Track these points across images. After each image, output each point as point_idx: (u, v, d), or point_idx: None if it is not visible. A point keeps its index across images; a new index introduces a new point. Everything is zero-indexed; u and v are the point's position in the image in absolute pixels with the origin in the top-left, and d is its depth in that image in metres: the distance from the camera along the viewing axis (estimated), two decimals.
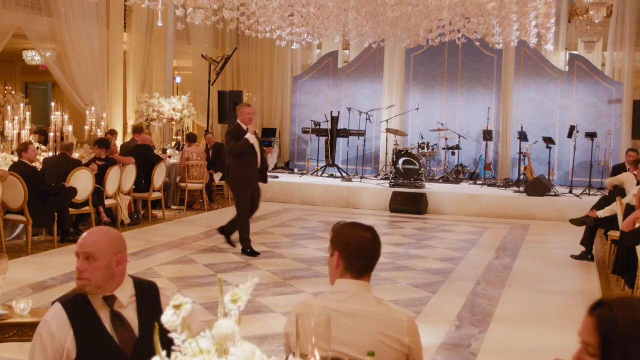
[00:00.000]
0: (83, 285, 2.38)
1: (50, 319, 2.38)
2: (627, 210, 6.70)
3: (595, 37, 12.30)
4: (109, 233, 2.47)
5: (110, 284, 2.42)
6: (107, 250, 2.40)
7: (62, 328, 2.35)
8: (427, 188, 12.25)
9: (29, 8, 11.31)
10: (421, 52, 14.34)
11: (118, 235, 2.50)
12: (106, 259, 2.39)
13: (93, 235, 2.44)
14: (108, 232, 2.48)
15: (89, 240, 2.41)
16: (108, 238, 2.44)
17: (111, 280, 2.42)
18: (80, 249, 2.40)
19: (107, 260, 2.40)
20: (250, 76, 16.11)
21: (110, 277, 2.42)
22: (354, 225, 2.47)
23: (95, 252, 2.38)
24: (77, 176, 8.31)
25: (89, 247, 2.39)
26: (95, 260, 2.38)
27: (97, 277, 2.38)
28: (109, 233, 2.47)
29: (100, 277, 2.38)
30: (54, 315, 2.39)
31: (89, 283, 2.38)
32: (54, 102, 12.14)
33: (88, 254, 2.38)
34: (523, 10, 7.44)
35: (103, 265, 2.38)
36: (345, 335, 2.30)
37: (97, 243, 2.40)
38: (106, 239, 2.43)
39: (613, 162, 12.33)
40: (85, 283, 2.38)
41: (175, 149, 13.26)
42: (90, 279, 2.37)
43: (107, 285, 2.41)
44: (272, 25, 8.01)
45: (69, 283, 6.35)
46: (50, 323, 2.37)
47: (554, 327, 5.53)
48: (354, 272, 2.41)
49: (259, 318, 5.46)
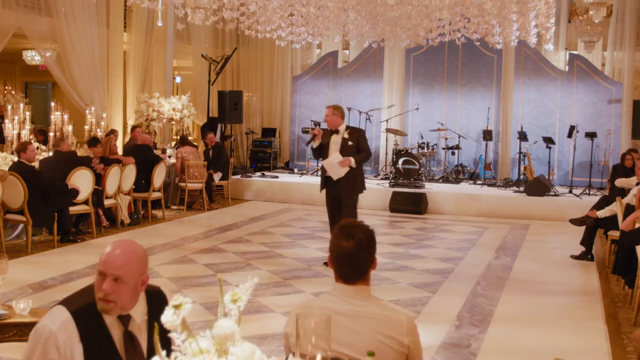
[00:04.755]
0: (109, 308, 2.23)
1: (56, 329, 2.20)
2: (627, 210, 6.70)
3: (595, 37, 12.30)
4: (137, 252, 2.30)
5: (132, 305, 2.30)
6: (136, 271, 2.26)
7: (70, 341, 2.21)
8: (427, 188, 12.25)
9: (29, 8, 11.31)
10: (421, 52, 14.35)
11: (144, 254, 2.35)
12: (134, 280, 2.26)
13: (121, 255, 2.24)
14: (136, 251, 2.30)
15: (119, 261, 2.23)
16: (137, 259, 2.28)
17: (135, 300, 2.30)
18: (109, 270, 2.22)
19: (134, 282, 2.26)
20: (250, 76, 16.11)
21: (136, 298, 2.30)
22: (341, 231, 2.41)
23: (125, 274, 2.22)
24: (77, 176, 8.30)
25: (119, 269, 2.22)
26: (125, 283, 2.23)
27: (125, 300, 2.25)
28: (137, 252, 2.30)
29: (127, 299, 2.26)
30: (61, 325, 2.21)
31: (115, 306, 2.23)
32: (54, 102, 12.14)
33: (117, 277, 2.21)
34: (523, 10, 7.44)
35: (131, 288, 2.25)
36: (345, 335, 2.30)
37: (127, 265, 2.23)
38: (136, 260, 2.27)
39: (613, 162, 12.32)
40: (112, 307, 2.23)
41: (175, 149, 13.26)
42: (117, 302, 2.23)
43: (130, 306, 2.29)
44: (272, 25, 8.00)
45: (69, 283, 6.36)
46: (56, 334, 2.20)
47: (554, 327, 5.53)
48: (343, 279, 2.41)
49: (259, 318, 5.46)
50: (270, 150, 15.08)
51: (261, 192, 13.00)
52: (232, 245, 8.53)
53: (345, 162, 7.15)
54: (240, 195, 13.00)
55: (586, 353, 4.98)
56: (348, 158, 7.14)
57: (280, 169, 15.10)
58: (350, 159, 7.15)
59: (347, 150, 7.21)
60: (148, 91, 13.35)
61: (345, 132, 7.26)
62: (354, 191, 7.34)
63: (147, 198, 10.19)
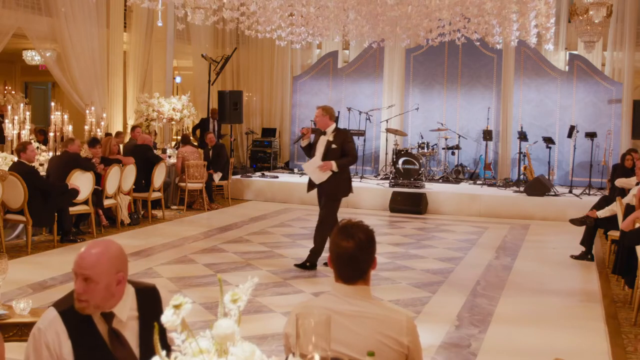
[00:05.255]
0: (82, 307, 2.26)
1: (44, 327, 2.27)
2: (627, 210, 6.70)
3: (595, 37, 12.30)
4: (108, 251, 2.30)
5: (110, 303, 2.31)
6: (106, 271, 2.26)
7: (58, 339, 2.26)
8: (427, 188, 12.25)
9: (29, 8, 11.32)
10: (421, 52, 14.35)
11: (118, 252, 2.34)
12: (106, 280, 2.26)
13: (92, 256, 2.26)
14: (107, 250, 2.30)
15: (88, 261, 2.25)
16: (107, 258, 2.27)
17: (111, 299, 2.31)
18: (79, 270, 2.25)
19: (106, 282, 2.26)
20: (250, 76, 16.11)
21: (111, 296, 2.30)
22: (341, 231, 2.41)
23: (93, 274, 2.23)
24: (77, 175, 8.30)
25: (87, 269, 2.24)
26: (95, 283, 2.24)
27: (97, 299, 2.26)
28: (108, 251, 2.30)
29: (99, 298, 2.26)
30: (48, 324, 2.28)
31: (87, 305, 2.26)
32: (54, 102, 12.14)
33: (86, 276, 2.23)
34: (523, 10, 7.44)
35: (103, 287, 2.26)
36: (344, 335, 2.30)
37: (95, 265, 2.24)
38: (106, 259, 2.27)
39: (613, 162, 12.32)
40: (85, 306, 2.25)
41: (175, 149, 13.26)
42: (89, 301, 2.25)
43: (107, 304, 2.30)
44: (272, 25, 8.00)
45: (69, 283, 6.36)
46: (45, 333, 2.26)
47: (554, 327, 5.53)
48: (343, 279, 2.41)
49: (259, 318, 5.46)
50: (270, 150, 15.09)
51: (261, 192, 13.00)
52: (232, 245, 8.53)
53: (324, 166, 6.97)
54: (240, 195, 13.00)
55: (586, 353, 4.98)
56: (329, 162, 6.96)
57: (280, 169, 15.10)
58: (331, 163, 6.95)
59: (331, 153, 7.01)
60: (148, 91, 13.35)
61: (331, 134, 7.07)
62: (337, 195, 7.19)
63: (147, 198, 10.19)
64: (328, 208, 7.17)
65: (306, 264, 7.25)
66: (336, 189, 7.17)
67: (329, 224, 6.99)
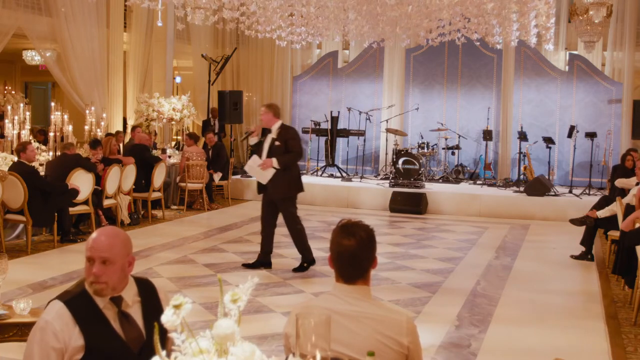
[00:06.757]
0: (101, 289, 2.38)
1: (52, 318, 2.33)
2: (627, 210, 6.70)
3: (595, 37, 12.30)
4: (119, 235, 2.46)
5: (122, 284, 2.45)
6: (121, 252, 2.41)
7: (67, 326, 2.32)
8: (427, 188, 12.25)
9: (29, 8, 11.31)
10: (421, 52, 14.35)
11: (127, 237, 2.51)
12: (121, 261, 2.41)
13: (106, 239, 2.41)
14: (119, 234, 2.46)
15: (104, 244, 2.39)
16: (121, 240, 2.44)
17: (124, 280, 2.46)
18: (96, 254, 2.37)
19: (122, 263, 2.41)
20: (250, 76, 16.11)
21: (124, 277, 2.45)
22: (342, 229, 2.43)
23: (111, 256, 2.38)
24: (77, 176, 8.30)
25: (105, 251, 2.37)
26: (113, 264, 2.38)
27: (114, 280, 2.39)
28: (119, 235, 2.46)
29: (117, 279, 2.40)
30: (55, 314, 2.34)
31: (106, 287, 2.38)
32: (54, 102, 12.14)
33: (104, 259, 2.37)
34: (523, 10, 7.44)
35: (119, 268, 2.40)
36: (344, 336, 2.30)
37: (112, 246, 2.39)
38: (119, 242, 2.42)
39: (613, 162, 12.33)
40: (103, 287, 2.37)
41: (175, 149, 13.26)
42: (108, 283, 2.38)
43: (120, 286, 2.44)
44: (272, 25, 8.00)
45: (69, 283, 6.33)
46: (52, 323, 2.32)
47: (554, 327, 5.53)
48: (344, 278, 2.42)
49: (259, 318, 5.46)
50: None
51: None
52: (232, 245, 8.53)
53: (264, 164, 6.86)
54: (240, 195, 12.99)
55: (586, 353, 4.98)
56: (268, 160, 6.85)
57: None
58: (271, 160, 6.84)
59: (274, 151, 6.88)
60: (148, 91, 13.35)
61: (275, 131, 6.95)
62: (286, 194, 7.05)
63: (147, 198, 10.19)
64: (287, 212, 7.09)
65: (303, 265, 7.25)
66: (285, 188, 7.05)
67: (296, 224, 7.04)
